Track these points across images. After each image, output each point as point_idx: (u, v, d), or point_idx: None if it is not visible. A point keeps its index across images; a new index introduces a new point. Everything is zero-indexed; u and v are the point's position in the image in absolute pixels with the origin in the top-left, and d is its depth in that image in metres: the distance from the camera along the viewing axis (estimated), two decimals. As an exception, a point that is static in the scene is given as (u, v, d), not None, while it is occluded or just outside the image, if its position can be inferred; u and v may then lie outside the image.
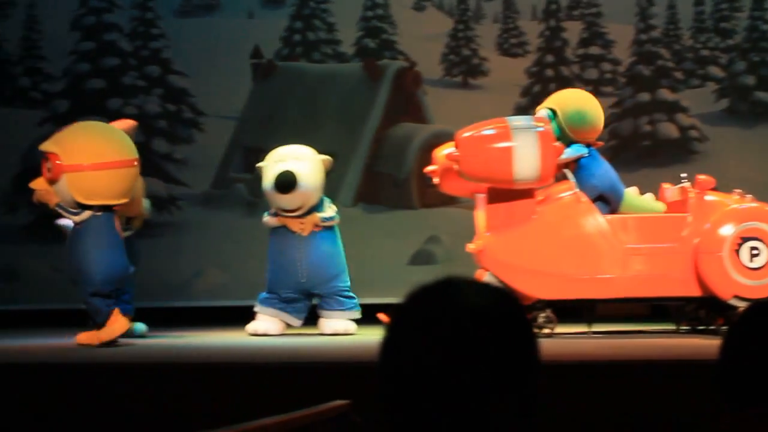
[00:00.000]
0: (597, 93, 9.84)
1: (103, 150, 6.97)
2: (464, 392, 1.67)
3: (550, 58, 9.97)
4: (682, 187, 7.16)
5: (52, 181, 6.86)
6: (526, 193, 7.01)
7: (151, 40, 10.13)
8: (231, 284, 9.44)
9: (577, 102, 7.31)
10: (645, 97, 9.76)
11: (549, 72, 9.94)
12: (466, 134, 6.99)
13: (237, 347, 6.86)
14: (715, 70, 9.89)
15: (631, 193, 7.40)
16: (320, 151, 7.53)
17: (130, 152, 6.97)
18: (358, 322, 7.42)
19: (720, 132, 9.62)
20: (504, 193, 7.00)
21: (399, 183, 9.76)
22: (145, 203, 7.71)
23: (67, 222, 7.44)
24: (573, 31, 10.02)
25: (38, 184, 6.87)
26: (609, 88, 9.93)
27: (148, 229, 8.02)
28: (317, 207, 7.45)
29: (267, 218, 7.54)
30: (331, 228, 7.52)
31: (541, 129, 6.92)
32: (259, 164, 7.56)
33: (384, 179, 9.79)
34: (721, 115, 9.73)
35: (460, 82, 10.08)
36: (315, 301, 7.54)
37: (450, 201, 9.30)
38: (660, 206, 7.39)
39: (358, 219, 9.57)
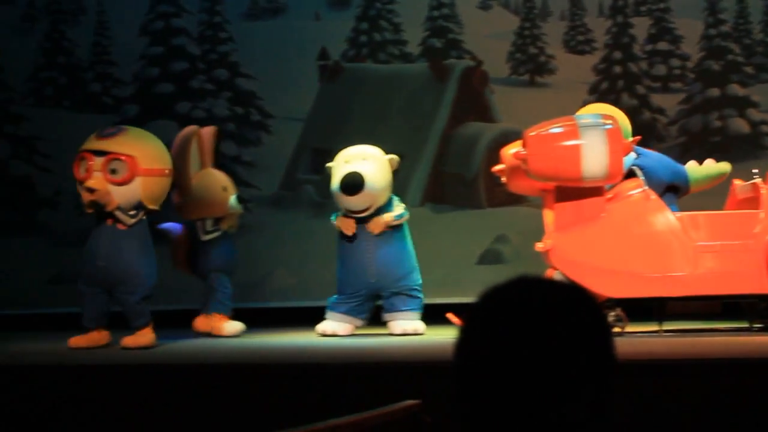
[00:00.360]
0: (666, 89, 9.81)
1: (167, 157, 7.10)
2: (540, 391, 1.68)
3: (617, 55, 9.91)
4: (753, 183, 7.08)
5: (121, 183, 6.91)
6: (594, 191, 6.97)
7: (219, 44, 10.22)
8: (300, 285, 9.48)
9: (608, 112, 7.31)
10: (715, 92, 9.66)
11: (617, 69, 9.88)
12: (534, 133, 6.97)
13: (307, 348, 6.89)
14: (788, 65, 9.78)
15: (692, 168, 7.37)
16: (387, 152, 7.53)
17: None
18: (426, 321, 7.42)
19: (793, 127, 9.52)
20: (572, 192, 6.97)
21: (467, 182, 9.75)
22: (232, 200, 7.77)
23: (172, 226, 7.57)
24: (641, 27, 9.95)
25: (99, 184, 6.88)
26: (678, 84, 9.84)
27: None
28: (386, 207, 7.46)
29: (335, 221, 7.55)
30: (400, 226, 7.54)
31: (609, 126, 6.88)
32: (329, 164, 7.59)
33: (452, 179, 9.78)
34: (795, 112, 9.63)
35: (527, 81, 10.06)
36: (378, 302, 7.56)
37: (518, 200, 9.27)
38: (724, 166, 7.38)
39: (426, 219, 9.56)
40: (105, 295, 6.95)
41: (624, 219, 7.02)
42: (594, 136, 6.84)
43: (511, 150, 7.15)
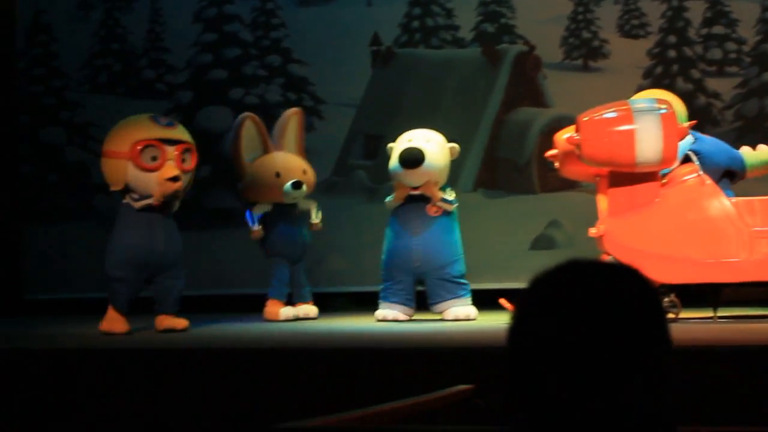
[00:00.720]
0: (721, 73, 9.73)
1: None
2: (594, 374, 1.68)
3: (672, 39, 9.84)
4: None
5: (186, 172, 6.99)
6: (649, 176, 6.95)
7: (271, 30, 10.26)
8: (351, 270, 9.52)
9: (663, 96, 7.27)
10: (771, 76, 9.58)
11: (671, 53, 9.82)
12: (587, 118, 6.96)
13: (364, 333, 6.94)
14: None
15: (747, 153, 7.33)
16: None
17: None
18: (478, 307, 7.43)
19: None
20: (626, 177, 6.95)
21: (519, 168, 9.73)
22: (287, 186, 7.83)
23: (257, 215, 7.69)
24: (696, 10, 9.86)
25: (178, 173, 6.93)
26: (734, 68, 9.75)
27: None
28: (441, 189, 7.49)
29: (389, 200, 7.58)
30: (449, 215, 7.54)
31: (663, 111, 6.85)
32: (390, 145, 7.62)
33: (504, 164, 9.77)
34: None
35: (581, 65, 10.01)
36: (420, 288, 7.57)
37: (571, 185, 9.24)
38: None
39: (478, 204, 9.57)
40: (142, 282, 7.01)
41: (678, 204, 6.99)
42: (648, 121, 6.82)
43: (565, 135, 7.14)
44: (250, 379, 5.48)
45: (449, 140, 7.61)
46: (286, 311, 7.82)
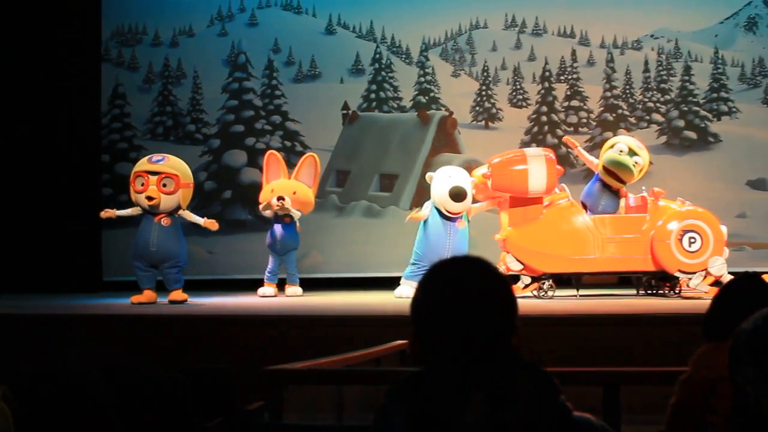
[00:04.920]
0: (576, 132, 9.76)
1: (191, 175, 7.52)
2: (468, 324, 1.67)
3: (544, 108, 9.88)
4: (642, 196, 7.10)
5: (169, 194, 7.14)
6: (536, 200, 6.98)
7: (275, 99, 10.20)
8: (328, 262, 9.48)
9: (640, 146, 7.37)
10: (609, 135, 9.59)
11: (544, 118, 9.85)
12: (496, 160, 7.00)
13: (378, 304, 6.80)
14: (657, 117, 9.73)
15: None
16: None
17: None
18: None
19: (661, 159, 9.46)
20: (521, 200, 6.98)
21: (441, 194, 9.70)
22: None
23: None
24: (560, 89, 9.92)
25: (155, 194, 7.02)
26: (585, 129, 9.81)
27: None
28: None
29: (425, 211, 7.29)
30: (467, 224, 7.34)
31: (548, 155, 6.93)
32: (429, 174, 7.38)
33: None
34: (661, 148, 9.56)
35: (484, 125, 10.02)
36: None
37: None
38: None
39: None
40: (154, 269, 7.06)
41: (555, 219, 7.04)
42: (537, 163, 6.84)
43: (479, 171, 7.15)
44: (248, 338, 5.40)
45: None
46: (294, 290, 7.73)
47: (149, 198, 6.96)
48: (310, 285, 8.25)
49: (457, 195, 7.05)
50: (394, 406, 1.67)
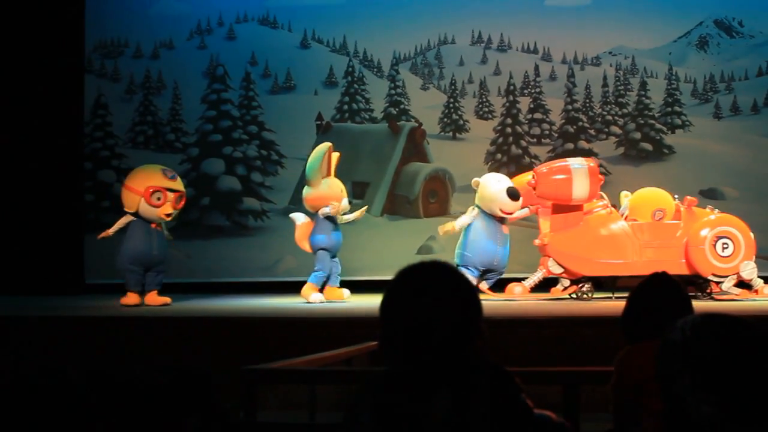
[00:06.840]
0: (539, 143, 9.82)
1: None
2: (433, 326, 1.68)
3: (509, 121, 9.93)
4: (676, 204, 7.11)
5: (177, 209, 7.16)
6: (577, 207, 6.99)
7: (251, 110, 10.16)
8: (302, 267, 9.41)
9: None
10: (570, 146, 9.70)
11: (509, 129, 9.90)
12: (542, 169, 7.03)
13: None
14: (615, 129, 9.81)
15: None
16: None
17: None
18: (371, 291, 7.22)
19: (618, 169, 9.55)
20: (563, 207, 6.99)
21: (411, 201, 9.73)
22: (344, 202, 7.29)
23: (298, 215, 7.41)
24: (524, 102, 9.98)
25: (171, 210, 7.01)
26: (547, 140, 9.87)
27: (247, 231, 8.01)
28: None
29: (474, 212, 7.21)
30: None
31: (591, 165, 6.96)
32: (476, 179, 7.33)
33: (400, 199, 9.76)
34: (619, 158, 9.66)
35: (451, 136, 10.05)
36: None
37: (444, 213, 9.25)
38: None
39: (384, 224, 9.55)
40: (143, 272, 7.01)
41: (595, 225, 7.04)
42: (580, 173, 6.86)
43: (525, 178, 7.18)
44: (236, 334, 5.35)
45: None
46: (315, 296, 7.11)
47: (168, 215, 7.01)
48: (286, 288, 8.23)
49: (514, 193, 7.05)
50: (362, 405, 1.66)
